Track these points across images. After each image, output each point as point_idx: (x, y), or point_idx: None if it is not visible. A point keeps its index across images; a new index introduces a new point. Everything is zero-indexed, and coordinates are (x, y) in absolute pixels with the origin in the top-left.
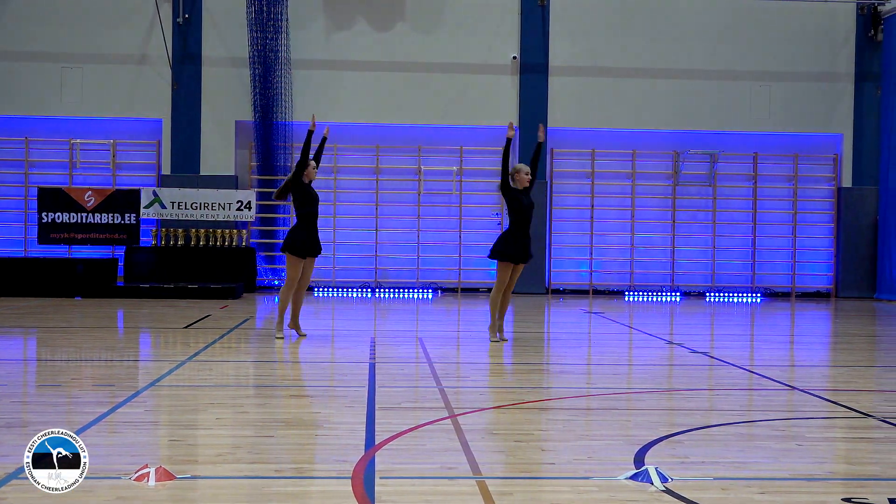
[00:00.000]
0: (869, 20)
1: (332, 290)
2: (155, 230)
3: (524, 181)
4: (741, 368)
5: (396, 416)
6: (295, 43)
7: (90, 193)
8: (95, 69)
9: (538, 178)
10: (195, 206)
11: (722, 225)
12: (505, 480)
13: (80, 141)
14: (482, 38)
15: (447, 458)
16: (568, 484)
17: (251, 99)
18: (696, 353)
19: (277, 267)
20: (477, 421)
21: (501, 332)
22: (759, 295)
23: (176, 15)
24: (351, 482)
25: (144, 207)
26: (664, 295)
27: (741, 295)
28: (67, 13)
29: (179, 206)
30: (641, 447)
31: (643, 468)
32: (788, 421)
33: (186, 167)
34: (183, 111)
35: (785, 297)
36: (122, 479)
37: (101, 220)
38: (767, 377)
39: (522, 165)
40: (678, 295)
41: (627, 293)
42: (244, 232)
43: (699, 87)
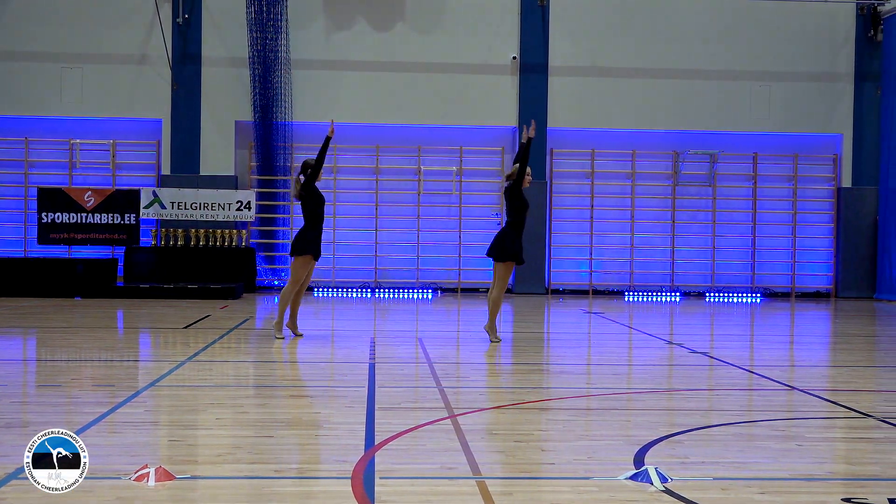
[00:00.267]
0: (869, 20)
1: (331, 290)
2: (155, 230)
3: (528, 182)
4: (741, 368)
5: (396, 416)
6: (295, 43)
7: (90, 194)
8: (95, 69)
9: (536, 178)
10: (195, 206)
11: (721, 225)
12: (505, 480)
13: (79, 141)
14: (482, 38)
15: (447, 458)
16: (568, 484)
17: (251, 99)
18: (695, 353)
19: (277, 267)
20: (477, 421)
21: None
22: (758, 295)
23: (176, 15)
24: (351, 482)
25: (144, 208)
26: (664, 295)
27: (741, 295)
28: (67, 13)
29: (179, 206)
30: (641, 447)
31: (643, 468)
32: (788, 421)
33: (186, 167)
34: (183, 111)
35: (784, 297)
36: (121, 479)
37: (100, 220)
38: (767, 377)
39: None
40: (678, 295)
41: (627, 293)
42: (244, 232)
43: (699, 87)
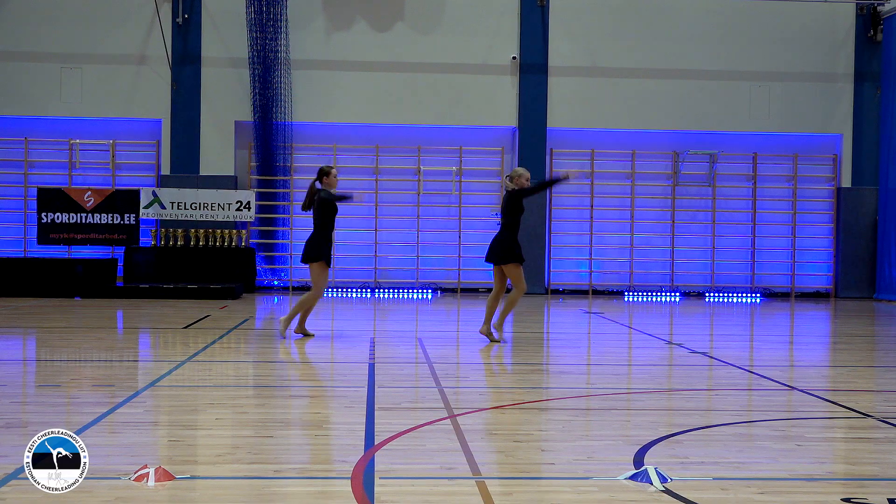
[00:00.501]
0: (868, 20)
1: (331, 290)
2: (154, 230)
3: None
4: (741, 368)
5: (396, 416)
6: (294, 43)
7: (90, 194)
8: (95, 69)
9: (536, 178)
10: (195, 206)
11: (721, 225)
12: (504, 481)
13: (79, 141)
14: (482, 38)
15: (447, 458)
16: (568, 484)
17: (251, 99)
18: (695, 353)
19: (277, 267)
20: (476, 421)
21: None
22: (758, 295)
23: (175, 15)
24: (350, 482)
25: (144, 208)
26: (664, 295)
27: (740, 295)
28: (67, 13)
29: (179, 206)
30: (641, 447)
31: (643, 468)
32: (788, 421)
33: (186, 167)
34: (182, 111)
35: (784, 297)
36: (121, 479)
37: (100, 220)
38: (767, 377)
39: (525, 170)
40: (678, 295)
41: (627, 293)
42: (244, 232)
43: (699, 87)
